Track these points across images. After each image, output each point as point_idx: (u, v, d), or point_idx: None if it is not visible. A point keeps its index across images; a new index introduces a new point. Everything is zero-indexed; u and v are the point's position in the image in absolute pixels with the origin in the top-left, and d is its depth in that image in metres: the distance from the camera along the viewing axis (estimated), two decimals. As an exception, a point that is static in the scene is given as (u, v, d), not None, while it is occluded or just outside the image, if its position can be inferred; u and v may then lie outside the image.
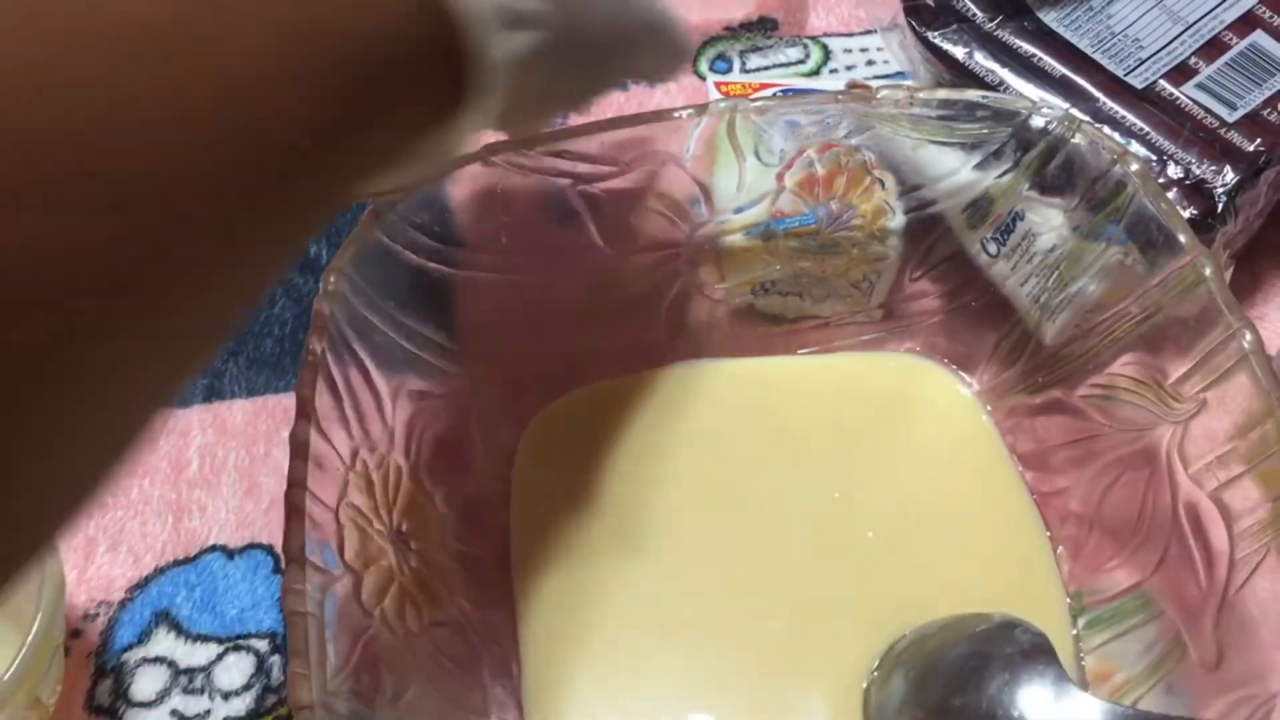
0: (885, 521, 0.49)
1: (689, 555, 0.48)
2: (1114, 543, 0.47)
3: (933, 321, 0.53)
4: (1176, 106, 0.54)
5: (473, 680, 0.44)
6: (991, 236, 0.50)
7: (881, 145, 0.49)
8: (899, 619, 0.46)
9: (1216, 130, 0.54)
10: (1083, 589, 0.47)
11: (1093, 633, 0.46)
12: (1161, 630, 0.44)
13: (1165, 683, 0.43)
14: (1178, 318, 0.44)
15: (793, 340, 0.54)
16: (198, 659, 0.47)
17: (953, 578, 0.48)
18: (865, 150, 0.49)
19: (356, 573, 0.40)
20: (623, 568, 0.48)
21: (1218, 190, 0.52)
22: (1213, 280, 0.43)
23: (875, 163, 0.49)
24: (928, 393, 0.53)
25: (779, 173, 0.49)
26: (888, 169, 0.50)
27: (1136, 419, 0.46)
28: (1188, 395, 0.44)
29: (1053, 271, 0.49)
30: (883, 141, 0.49)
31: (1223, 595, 0.42)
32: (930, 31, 0.58)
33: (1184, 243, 0.44)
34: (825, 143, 0.48)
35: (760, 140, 0.48)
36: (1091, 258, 0.47)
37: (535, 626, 0.47)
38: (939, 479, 0.51)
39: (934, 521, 0.49)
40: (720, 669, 0.46)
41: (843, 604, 0.47)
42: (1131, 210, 0.45)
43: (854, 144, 0.49)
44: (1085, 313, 0.48)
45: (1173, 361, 0.44)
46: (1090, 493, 0.48)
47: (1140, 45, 0.56)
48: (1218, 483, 0.42)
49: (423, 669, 0.42)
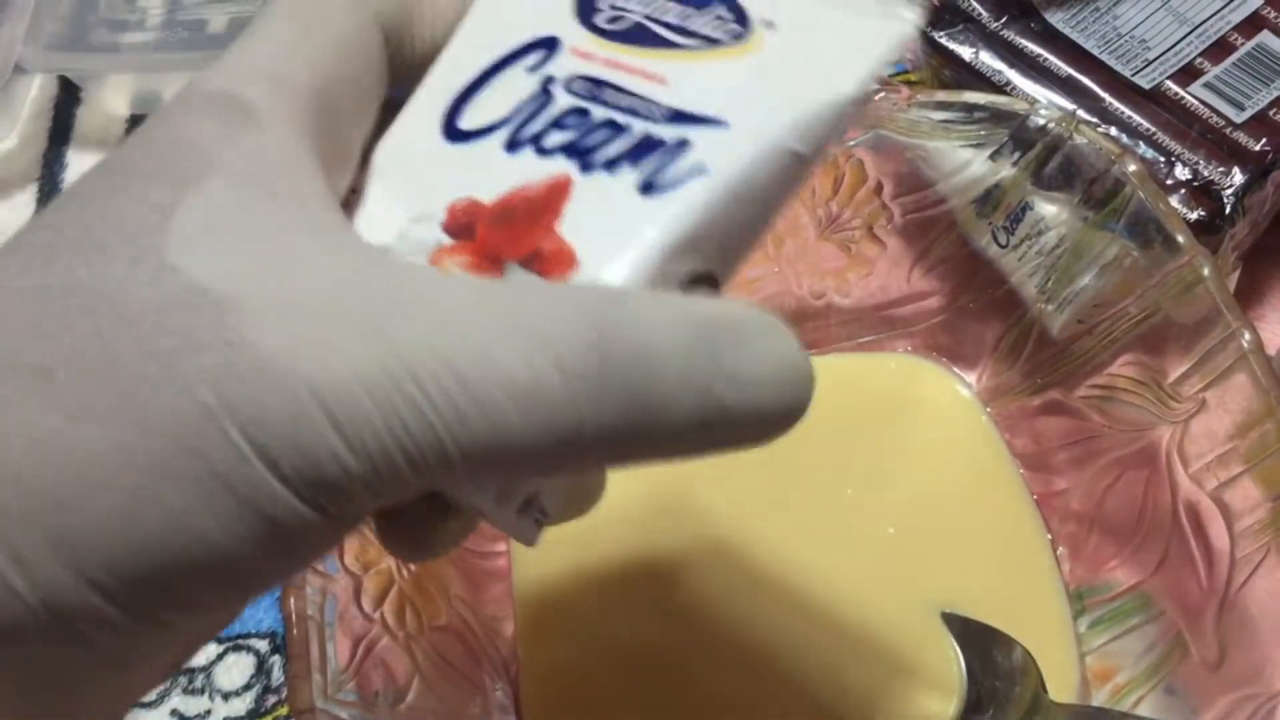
0: (886, 523, 0.49)
1: (691, 555, 0.49)
2: (1114, 543, 0.47)
3: (932, 322, 0.53)
4: (1183, 107, 0.54)
5: (472, 683, 0.44)
6: (1002, 225, 0.50)
7: (883, 145, 0.49)
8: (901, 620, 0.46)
9: (1224, 131, 0.53)
10: (1083, 589, 0.47)
11: (1094, 633, 0.46)
12: (1162, 630, 0.44)
13: (1166, 683, 0.43)
14: (1177, 318, 0.44)
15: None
16: (198, 659, 0.48)
17: (954, 579, 0.48)
18: (864, 151, 0.49)
19: (356, 576, 0.41)
20: (625, 569, 0.48)
21: (1225, 191, 0.52)
22: (1211, 280, 0.43)
23: (874, 164, 0.49)
24: (927, 393, 0.53)
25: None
26: (888, 169, 0.50)
27: (1136, 419, 0.46)
28: (1187, 395, 0.43)
29: (1058, 262, 0.49)
30: (884, 141, 0.49)
31: (1224, 595, 0.42)
32: (936, 31, 0.58)
33: (1182, 243, 0.44)
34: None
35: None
36: (1097, 250, 0.47)
37: (535, 629, 0.47)
38: (939, 480, 0.51)
39: (935, 523, 0.49)
40: (728, 668, 0.47)
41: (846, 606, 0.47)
42: (1130, 210, 0.45)
43: (851, 145, 0.49)
44: (1092, 307, 0.48)
45: (1172, 361, 0.44)
46: (1090, 493, 0.48)
47: (1147, 46, 0.56)
48: (1218, 482, 0.42)
49: (422, 672, 0.42)
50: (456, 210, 0.28)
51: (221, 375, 0.23)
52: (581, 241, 0.27)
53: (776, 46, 0.29)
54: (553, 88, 0.29)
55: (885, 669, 0.46)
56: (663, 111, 0.28)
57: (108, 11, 0.62)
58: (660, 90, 0.29)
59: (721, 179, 0.28)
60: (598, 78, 0.29)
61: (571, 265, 0.27)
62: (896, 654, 0.46)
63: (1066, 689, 0.45)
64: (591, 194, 0.28)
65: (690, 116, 0.28)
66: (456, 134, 0.30)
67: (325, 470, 0.23)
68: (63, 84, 0.65)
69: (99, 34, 0.61)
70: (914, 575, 0.48)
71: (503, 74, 0.30)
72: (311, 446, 0.23)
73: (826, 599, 0.47)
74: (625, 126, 0.28)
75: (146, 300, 0.23)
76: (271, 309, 0.23)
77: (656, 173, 0.28)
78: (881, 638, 0.47)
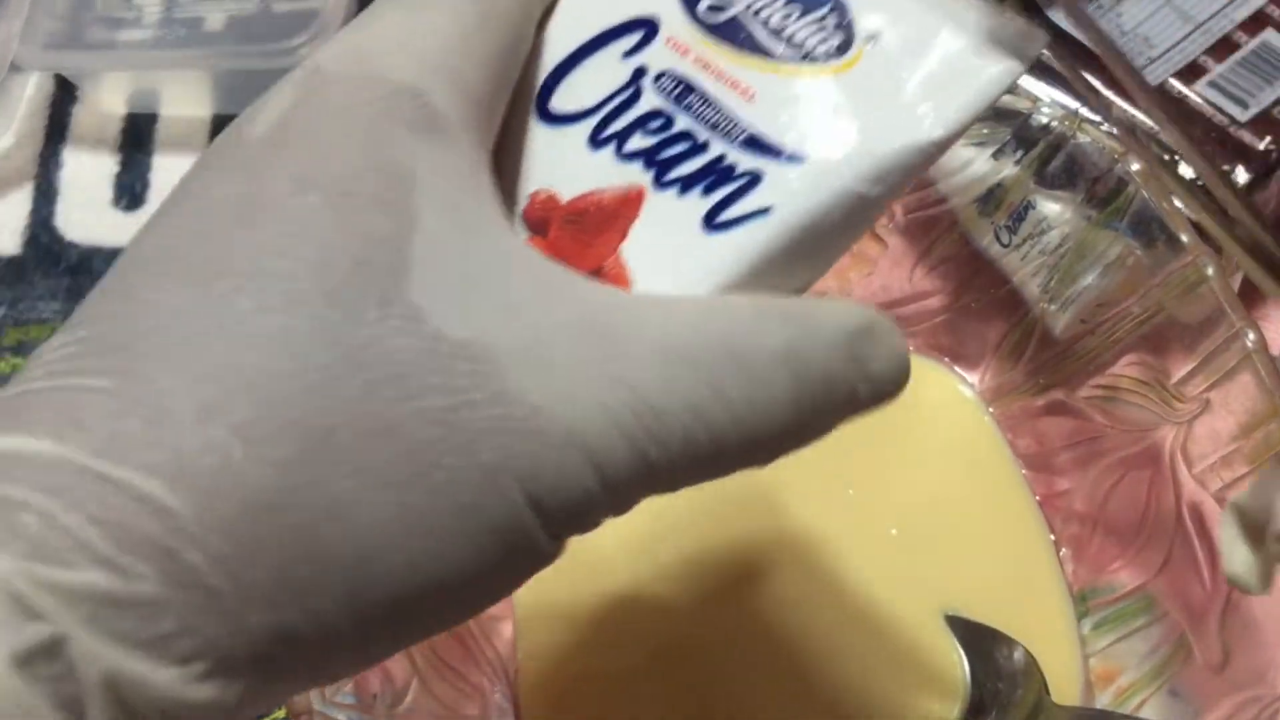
0: (888, 524, 0.49)
1: (694, 555, 0.48)
2: (1117, 544, 0.46)
3: (934, 321, 0.53)
4: (1187, 105, 0.54)
5: (471, 685, 0.44)
6: (1005, 224, 0.50)
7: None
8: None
9: (1228, 129, 0.53)
10: (1086, 591, 0.47)
11: (1097, 635, 0.46)
12: (1166, 632, 0.44)
13: (1170, 685, 0.43)
14: (1180, 318, 0.44)
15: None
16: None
17: (956, 580, 0.48)
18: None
19: (354, 577, 0.40)
20: (623, 571, 0.48)
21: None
22: (1215, 280, 0.43)
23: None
24: (929, 393, 0.53)
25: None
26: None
27: (1139, 419, 0.46)
28: (1191, 395, 0.43)
29: (1061, 261, 0.48)
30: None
31: (1227, 596, 0.42)
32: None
33: (1186, 242, 0.44)
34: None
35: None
36: (1100, 249, 0.47)
37: (534, 631, 0.47)
38: (941, 481, 0.50)
39: (937, 524, 0.49)
40: (728, 668, 0.46)
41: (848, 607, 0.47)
42: (1133, 209, 0.45)
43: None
44: (1095, 307, 0.48)
45: (1175, 362, 0.44)
46: (1093, 494, 0.48)
47: (1150, 44, 0.56)
48: (1222, 483, 0.42)
49: (420, 674, 0.42)
50: (537, 201, 0.29)
51: (497, 435, 0.24)
52: (639, 269, 0.28)
53: (873, 69, 0.28)
54: (643, 81, 0.29)
55: (887, 670, 0.46)
56: (743, 133, 0.28)
57: (104, 9, 0.62)
58: (745, 107, 0.28)
59: (785, 224, 0.27)
60: (687, 79, 0.29)
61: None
62: (899, 655, 0.46)
63: (1069, 691, 0.45)
64: (659, 216, 0.28)
65: (767, 146, 0.28)
66: (548, 115, 0.30)
67: (582, 512, 0.25)
68: (59, 82, 0.64)
69: (95, 32, 0.61)
70: (916, 576, 0.48)
71: (598, 54, 0.30)
72: (574, 493, 0.25)
73: (828, 600, 0.47)
74: (703, 144, 0.28)
75: (405, 351, 0.24)
76: (518, 360, 0.24)
77: (723, 207, 0.28)
78: (884, 639, 0.46)
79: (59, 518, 0.22)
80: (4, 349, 0.57)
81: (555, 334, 0.25)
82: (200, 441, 0.23)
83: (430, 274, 0.24)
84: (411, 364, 0.24)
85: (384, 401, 0.23)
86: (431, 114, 0.26)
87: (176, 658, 0.22)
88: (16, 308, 0.58)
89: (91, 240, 0.60)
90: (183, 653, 0.22)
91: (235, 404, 0.23)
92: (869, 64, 0.28)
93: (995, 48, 0.28)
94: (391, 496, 0.23)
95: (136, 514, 0.22)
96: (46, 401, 0.23)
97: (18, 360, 0.56)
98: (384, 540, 0.24)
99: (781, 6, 0.29)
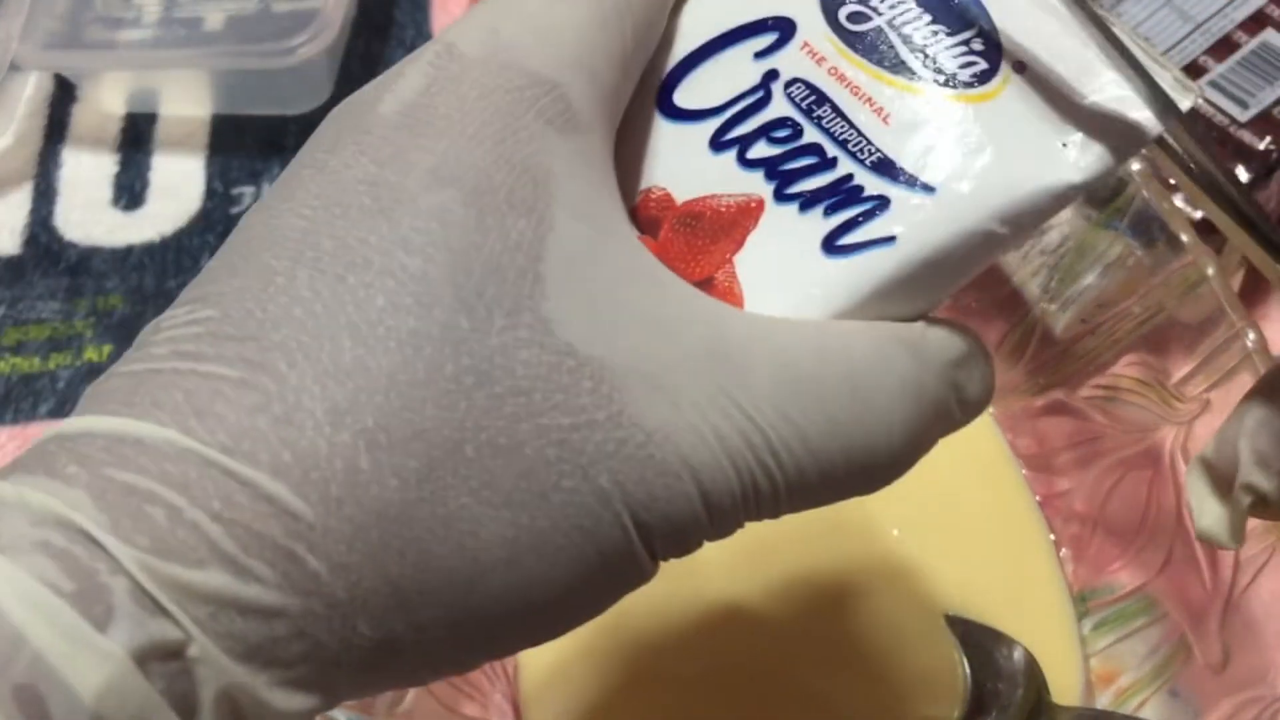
0: (889, 524, 0.49)
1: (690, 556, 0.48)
2: (1118, 544, 0.46)
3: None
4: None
5: (471, 685, 0.44)
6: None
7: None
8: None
9: (1228, 129, 0.53)
10: (1086, 591, 0.47)
11: (1097, 635, 0.46)
12: (1166, 632, 0.44)
13: (1170, 685, 0.43)
14: (1181, 318, 0.44)
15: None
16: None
17: (957, 581, 0.47)
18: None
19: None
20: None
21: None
22: (1215, 280, 0.43)
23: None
24: (929, 394, 0.53)
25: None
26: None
27: (1140, 420, 0.45)
28: (1191, 396, 0.43)
29: (1061, 261, 0.48)
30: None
31: (1228, 597, 0.41)
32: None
33: (1186, 242, 0.44)
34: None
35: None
36: (1100, 249, 0.47)
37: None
38: (942, 481, 0.50)
39: (937, 524, 0.49)
40: (728, 669, 0.46)
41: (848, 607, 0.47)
42: (1134, 209, 0.45)
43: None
44: (1096, 307, 0.48)
45: (1176, 362, 0.44)
46: (1093, 494, 0.47)
47: (1150, 44, 0.56)
48: (1222, 483, 0.42)
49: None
50: (650, 199, 0.28)
51: (614, 459, 0.24)
52: (751, 285, 0.27)
53: (1016, 101, 0.27)
54: (773, 85, 0.28)
55: (888, 671, 0.46)
56: (874, 155, 0.27)
57: (104, 9, 0.62)
58: (878, 128, 0.27)
59: (909, 256, 0.26)
60: (821, 89, 0.28)
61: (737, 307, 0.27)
62: (899, 656, 0.46)
63: (1070, 692, 0.45)
64: (777, 231, 0.27)
65: (898, 172, 0.27)
66: (670, 109, 0.28)
67: (686, 537, 0.25)
68: (59, 82, 0.64)
69: (95, 31, 0.61)
70: (917, 577, 0.48)
71: (729, 51, 0.28)
72: (682, 519, 0.25)
73: (828, 600, 0.47)
74: (831, 160, 0.27)
75: (531, 365, 0.23)
76: (638, 380, 0.24)
77: (846, 230, 0.27)
78: (884, 639, 0.46)
79: (185, 512, 0.22)
80: (3, 349, 0.57)
81: (676, 356, 0.25)
82: (329, 446, 0.22)
83: (561, 284, 0.24)
84: (537, 379, 0.23)
85: (508, 417, 0.23)
86: (568, 109, 0.25)
87: (286, 662, 0.22)
88: (16, 307, 0.58)
89: (91, 240, 0.60)
90: (292, 658, 0.22)
91: (365, 409, 0.23)
92: (1012, 95, 0.27)
93: (1152, 97, 0.26)
94: (509, 515, 0.23)
95: (262, 515, 0.22)
96: (174, 384, 0.23)
97: (17, 360, 0.56)
98: (498, 559, 0.23)
99: (927, 25, 0.28)
